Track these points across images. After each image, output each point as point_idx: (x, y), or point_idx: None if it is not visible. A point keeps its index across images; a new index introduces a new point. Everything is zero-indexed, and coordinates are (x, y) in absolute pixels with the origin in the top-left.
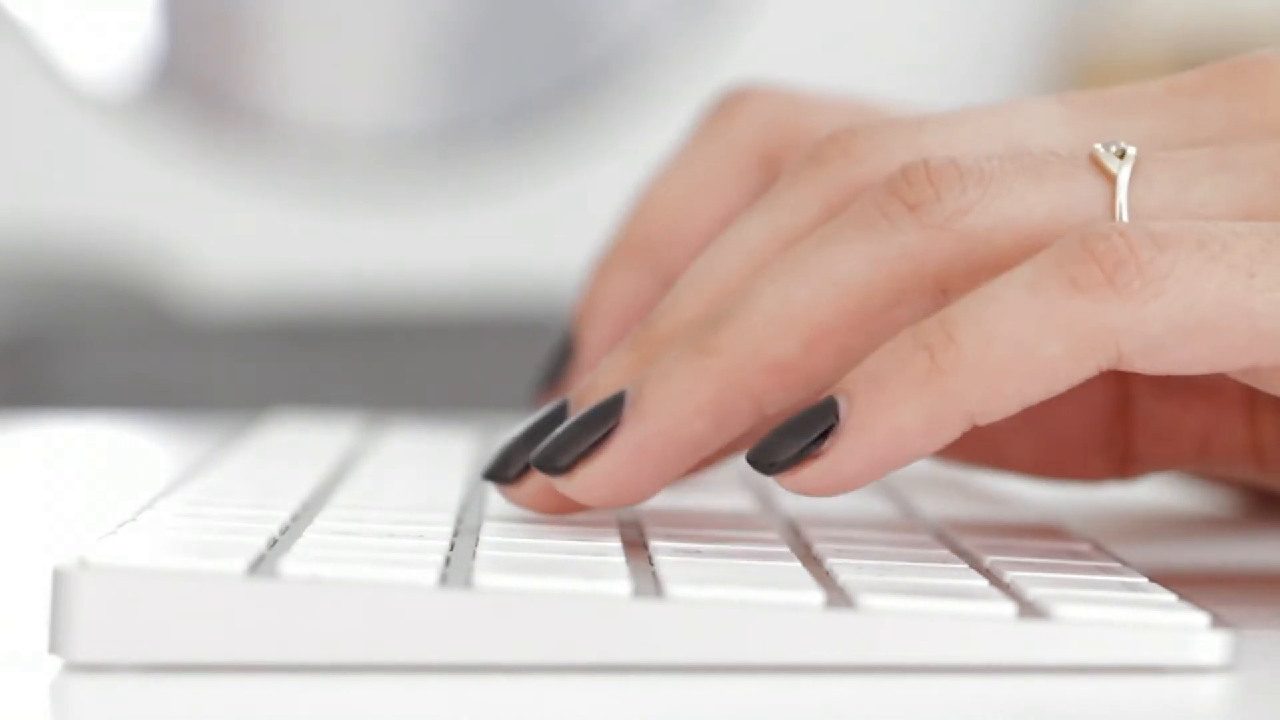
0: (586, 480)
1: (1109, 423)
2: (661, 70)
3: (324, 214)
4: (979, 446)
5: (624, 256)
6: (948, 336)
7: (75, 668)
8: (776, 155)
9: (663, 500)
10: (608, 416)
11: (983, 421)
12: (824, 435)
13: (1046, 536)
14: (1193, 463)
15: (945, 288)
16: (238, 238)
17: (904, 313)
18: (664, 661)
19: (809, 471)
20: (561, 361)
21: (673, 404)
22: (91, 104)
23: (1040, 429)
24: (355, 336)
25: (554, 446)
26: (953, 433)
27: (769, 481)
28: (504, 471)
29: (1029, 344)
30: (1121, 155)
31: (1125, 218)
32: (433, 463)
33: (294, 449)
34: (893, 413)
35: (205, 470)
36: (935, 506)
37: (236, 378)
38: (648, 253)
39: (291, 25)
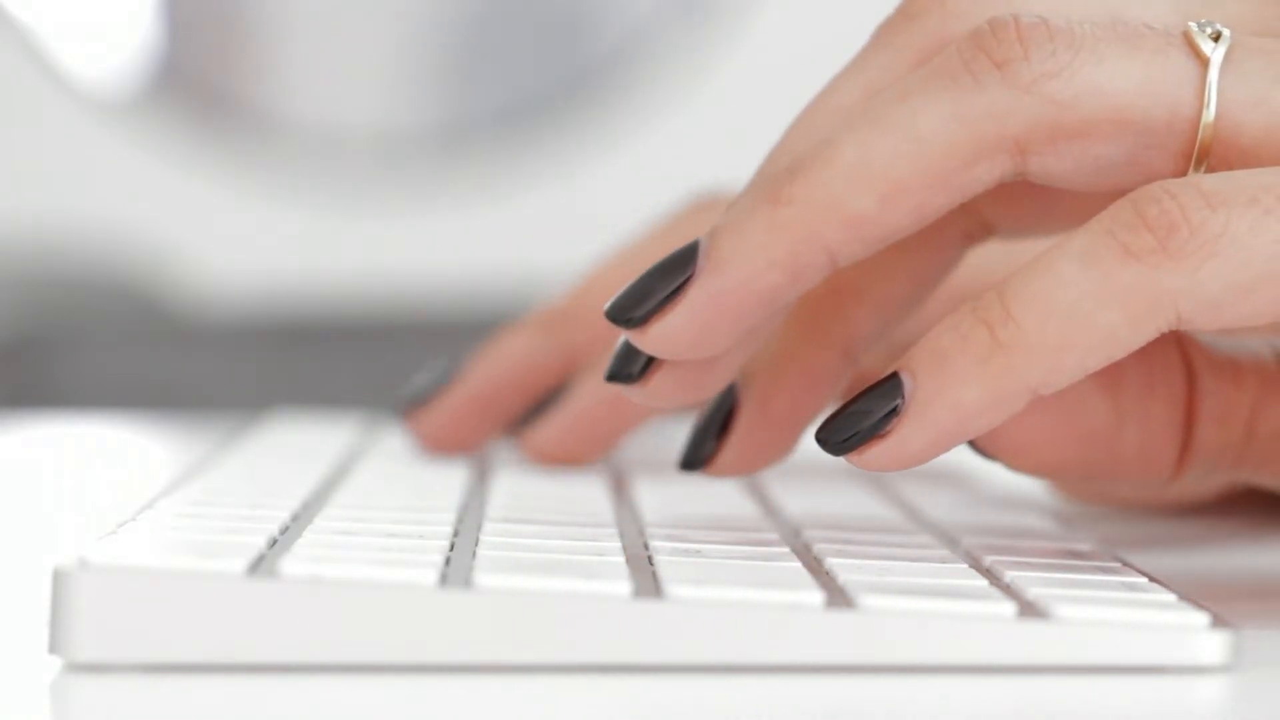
0: (661, 333)
1: (1185, 409)
2: (661, 70)
3: (324, 214)
4: (1090, 450)
5: (538, 322)
6: (1006, 312)
7: (75, 668)
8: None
9: (663, 500)
10: (681, 268)
11: (1045, 393)
12: (890, 413)
13: (1046, 536)
14: (1234, 455)
15: (1026, 150)
16: (238, 238)
17: (983, 171)
18: (664, 661)
19: (876, 450)
20: (435, 385)
21: (747, 255)
22: (91, 104)
23: (1140, 422)
24: (355, 336)
25: (628, 298)
26: (1016, 406)
27: (769, 482)
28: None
29: (1087, 315)
30: (1216, 38)
31: (1213, 103)
32: (433, 463)
33: (294, 449)
34: (956, 391)
35: (205, 470)
36: (935, 506)
37: (236, 378)
38: (561, 325)
39: (291, 25)
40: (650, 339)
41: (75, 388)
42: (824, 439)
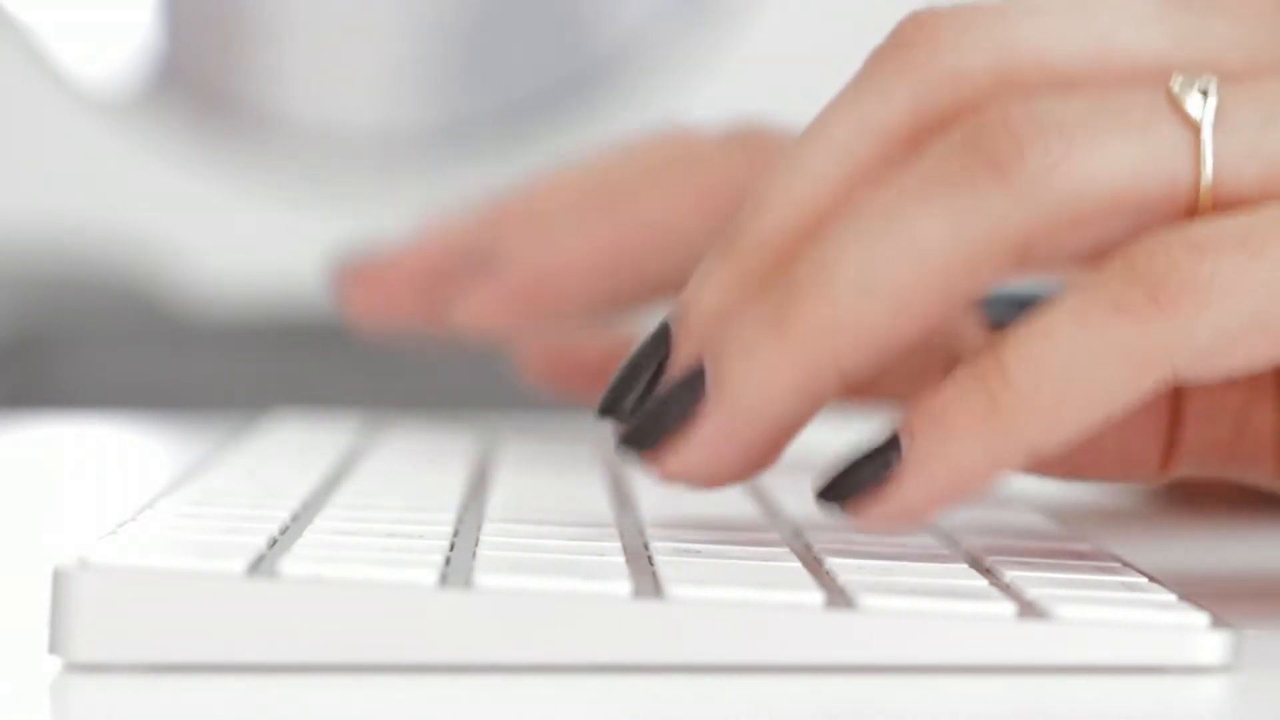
0: (680, 467)
1: (1167, 404)
2: (661, 70)
3: (324, 214)
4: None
5: (489, 217)
6: (1002, 373)
7: (75, 668)
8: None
9: (663, 500)
10: (689, 394)
11: (1045, 452)
12: (888, 472)
13: (1046, 537)
14: (1222, 454)
15: (1029, 252)
16: (238, 238)
17: (987, 274)
18: (664, 661)
19: (875, 509)
20: (369, 256)
21: (758, 384)
22: (91, 104)
23: (1120, 418)
24: (355, 336)
25: (639, 430)
26: (1015, 467)
27: (769, 482)
28: (620, 405)
29: (1082, 375)
30: (1204, 93)
31: (1209, 166)
32: (433, 463)
33: (294, 449)
34: (954, 452)
35: (205, 470)
36: None
37: (236, 378)
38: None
39: (291, 25)
40: (669, 471)
41: (75, 388)
42: (822, 496)
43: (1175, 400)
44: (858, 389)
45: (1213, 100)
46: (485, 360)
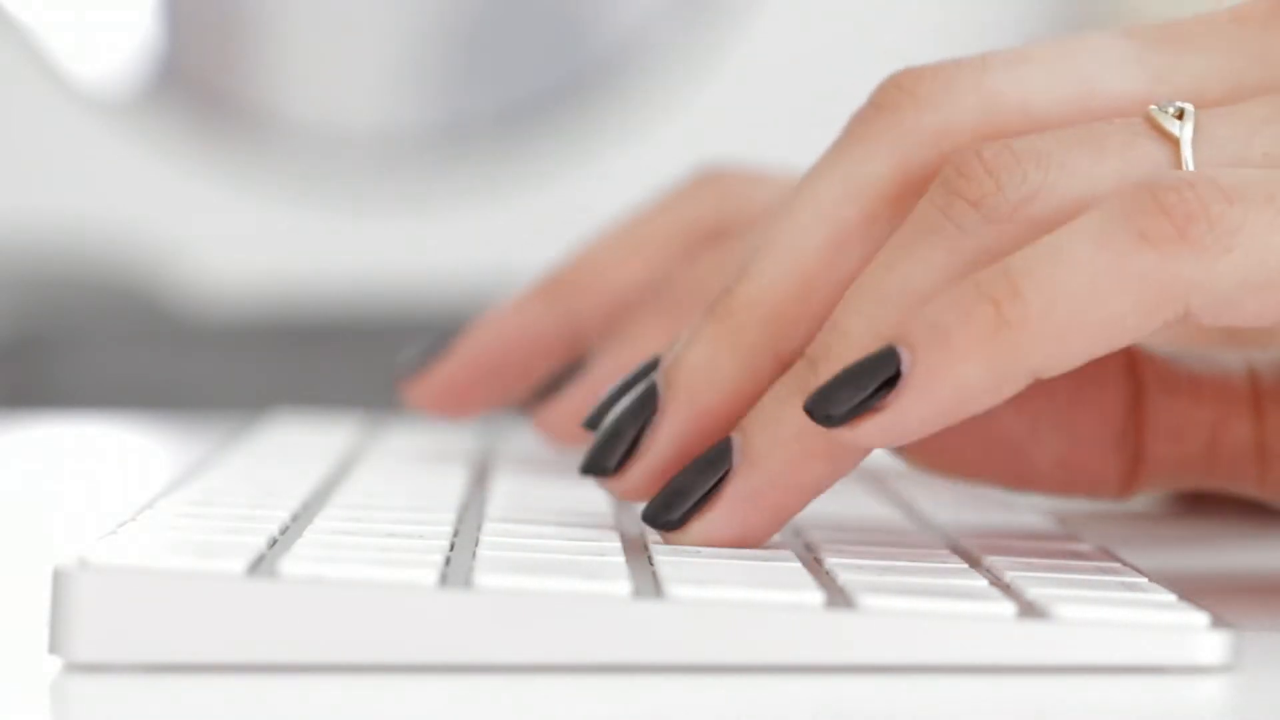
0: (703, 532)
1: (1124, 420)
2: (661, 71)
3: (324, 214)
4: (1003, 459)
5: (541, 289)
6: (1014, 290)
7: (75, 668)
8: (726, 229)
9: None
10: (716, 466)
11: (1045, 376)
12: (883, 385)
13: (1046, 537)
14: (1198, 468)
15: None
16: (238, 238)
17: None
18: (664, 661)
19: (869, 425)
20: (432, 353)
21: (784, 449)
22: (91, 104)
23: (1064, 431)
24: (355, 336)
25: (664, 501)
26: (1016, 388)
27: None
28: (604, 464)
29: (1097, 300)
30: (1180, 116)
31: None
32: (433, 463)
33: (294, 449)
34: (958, 369)
35: (205, 470)
36: (935, 506)
37: (236, 378)
38: (564, 293)
39: (291, 25)
40: (691, 538)
41: (75, 388)
42: (811, 409)
43: (1137, 416)
44: (910, 450)
45: (1190, 120)
46: None
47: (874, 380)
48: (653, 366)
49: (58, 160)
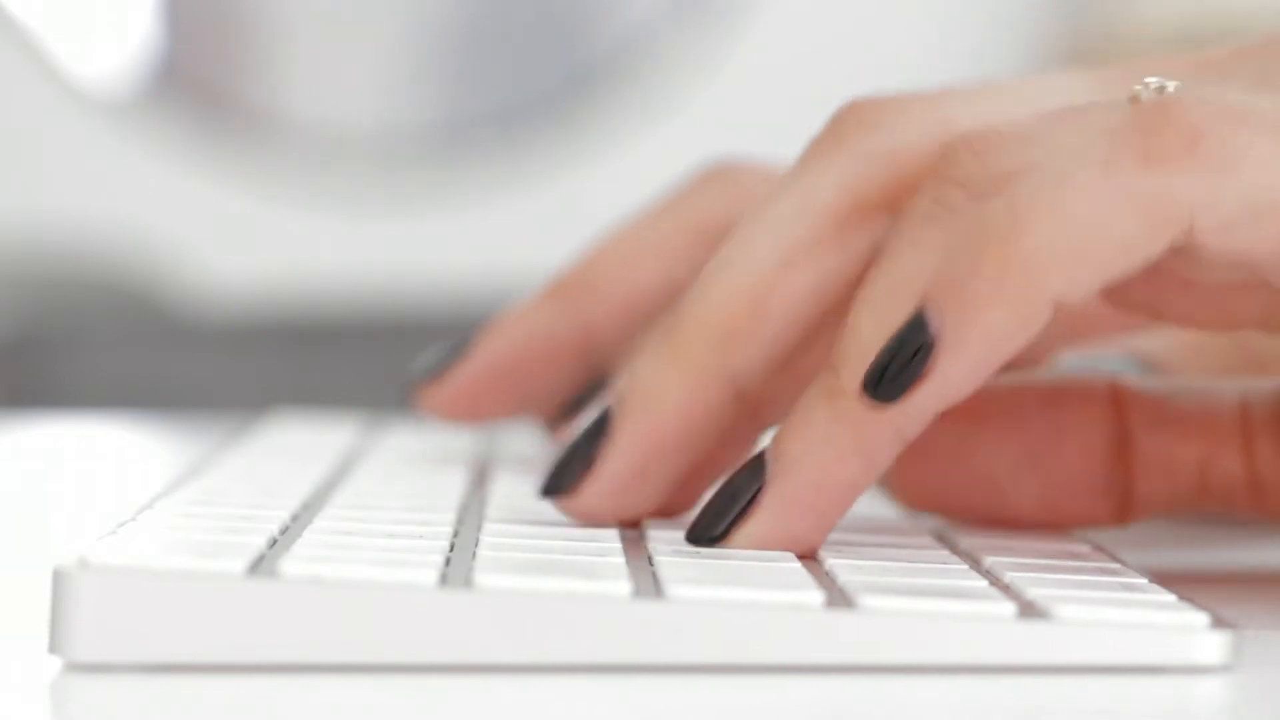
0: (745, 539)
1: (1109, 462)
2: (661, 70)
3: (324, 214)
4: (983, 498)
5: (552, 292)
6: (1018, 223)
7: (75, 668)
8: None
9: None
10: (753, 479)
11: (1069, 301)
12: (921, 352)
13: (1046, 537)
14: (1191, 500)
15: None
16: (238, 238)
17: None
18: (664, 661)
19: (919, 395)
20: (450, 359)
21: (817, 452)
22: (91, 104)
23: (1043, 473)
24: (355, 336)
25: (706, 520)
26: (1043, 319)
27: None
28: (560, 484)
29: (1103, 223)
30: (1161, 90)
31: None
32: (433, 463)
33: (294, 449)
34: (982, 317)
35: (205, 470)
36: None
37: (236, 378)
38: (576, 296)
39: (291, 25)
40: (735, 544)
41: (75, 388)
42: (871, 386)
43: (1125, 454)
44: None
45: (1173, 87)
46: None
47: (911, 349)
48: None
49: (58, 160)
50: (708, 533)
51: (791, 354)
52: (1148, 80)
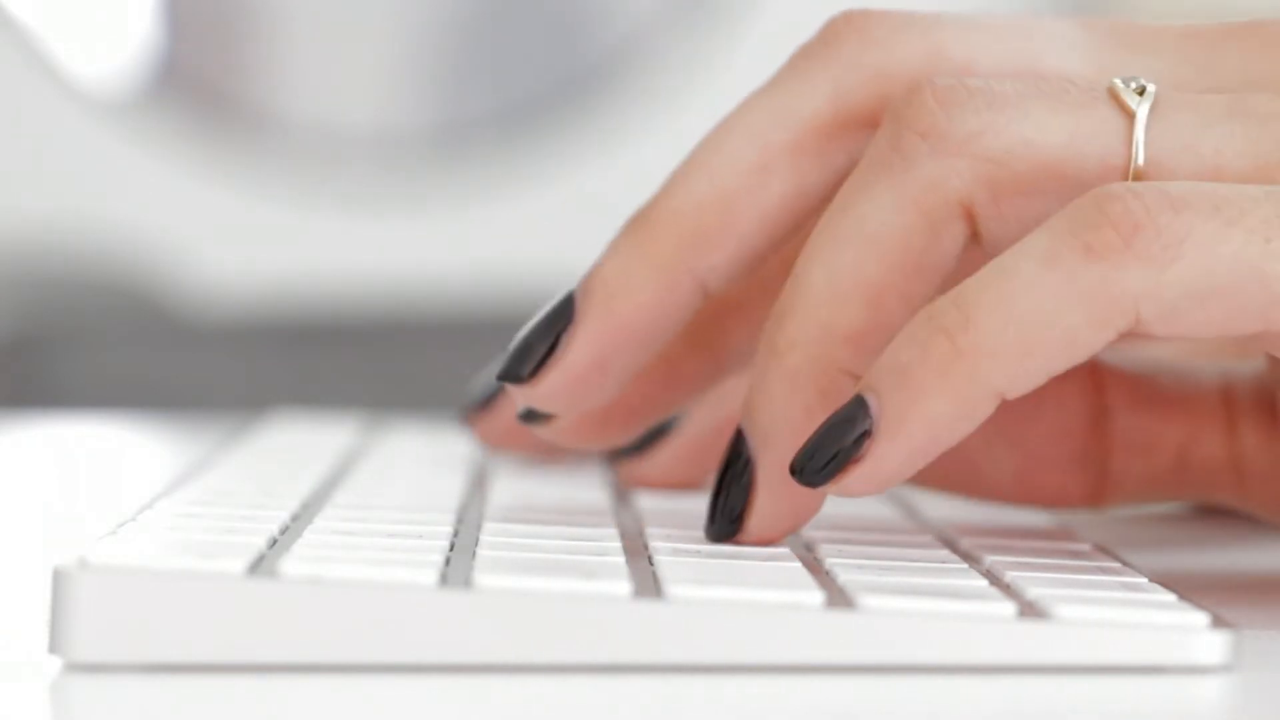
0: (749, 517)
1: (1086, 437)
2: (661, 71)
3: (324, 214)
4: (956, 470)
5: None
6: (965, 318)
7: (75, 668)
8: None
9: (662, 500)
10: (739, 457)
11: (1012, 396)
12: (860, 437)
13: (1046, 537)
14: (1171, 481)
15: (973, 211)
16: (238, 238)
17: (947, 243)
18: (664, 661)
19: (852, 477)
20: (498, 385)
21: (783, 414)
22: (91, 104)
23: (1018, 447)
24: (355, 336)
25: (721, 513)
26: (985, 412)
27: None
28: (519, 371)
29: (1049, 317)
30: (1140, 92)
31: (1141, 155)
32: (433, 463)
33: (294, 449)
34: (923, 405)
35: (205, 470)
36: (935, 506)
37: (236, 378)
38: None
39: (291, 25)
40: (748, 536)
41: (75, 388)
42: (797, 471)
43: (1103, 432)
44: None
45: (1149, 100)
46: (485, 360)
47: (849, 434)
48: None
49: (58, 160)
50: (726, 518)
51: (760, 258)
52: (1127, 80)
